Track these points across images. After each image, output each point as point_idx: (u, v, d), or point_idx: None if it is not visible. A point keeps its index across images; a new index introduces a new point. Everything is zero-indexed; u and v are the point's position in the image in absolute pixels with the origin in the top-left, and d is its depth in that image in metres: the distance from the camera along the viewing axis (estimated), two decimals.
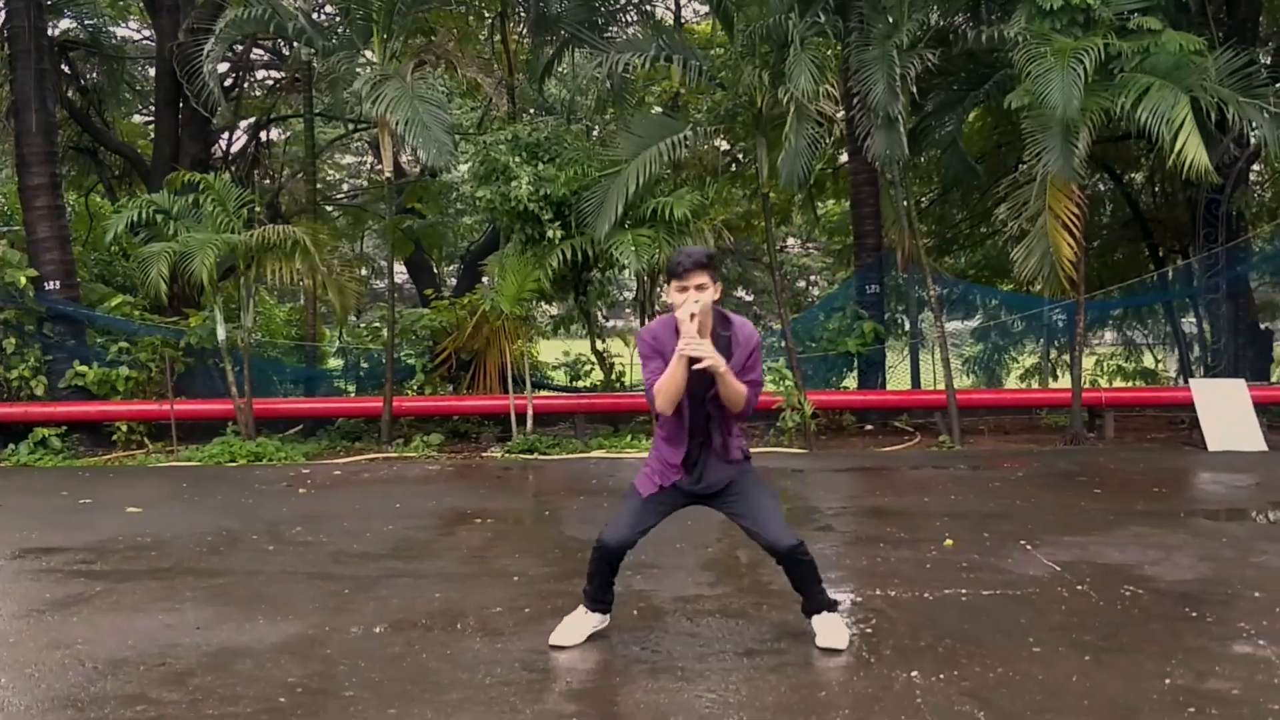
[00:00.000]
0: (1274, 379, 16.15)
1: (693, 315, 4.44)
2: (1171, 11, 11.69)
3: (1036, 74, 10.56)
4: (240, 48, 17.11)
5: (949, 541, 7.06)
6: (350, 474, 10.92)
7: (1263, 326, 16.89)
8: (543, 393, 14.31)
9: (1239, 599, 5.67)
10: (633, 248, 11.49)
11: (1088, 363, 18.13)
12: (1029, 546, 6.92)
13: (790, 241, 33.81)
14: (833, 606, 5.00)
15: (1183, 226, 17.08)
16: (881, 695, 4.29)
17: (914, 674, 4.52)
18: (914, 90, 11.92)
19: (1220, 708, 4.12)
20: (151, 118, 20.82)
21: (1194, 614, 5.38)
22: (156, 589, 6.17)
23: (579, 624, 5.06)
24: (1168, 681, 4.41)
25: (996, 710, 4.11)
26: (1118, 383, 17.69)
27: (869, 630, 5.17)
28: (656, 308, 13.21)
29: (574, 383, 15.81)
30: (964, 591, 5.86)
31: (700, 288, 4.52)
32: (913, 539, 7.25)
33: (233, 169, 17.59)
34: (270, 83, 20.79)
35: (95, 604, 5.86)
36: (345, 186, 26.48)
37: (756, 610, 5.54)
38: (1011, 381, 17.94)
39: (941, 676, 4.49)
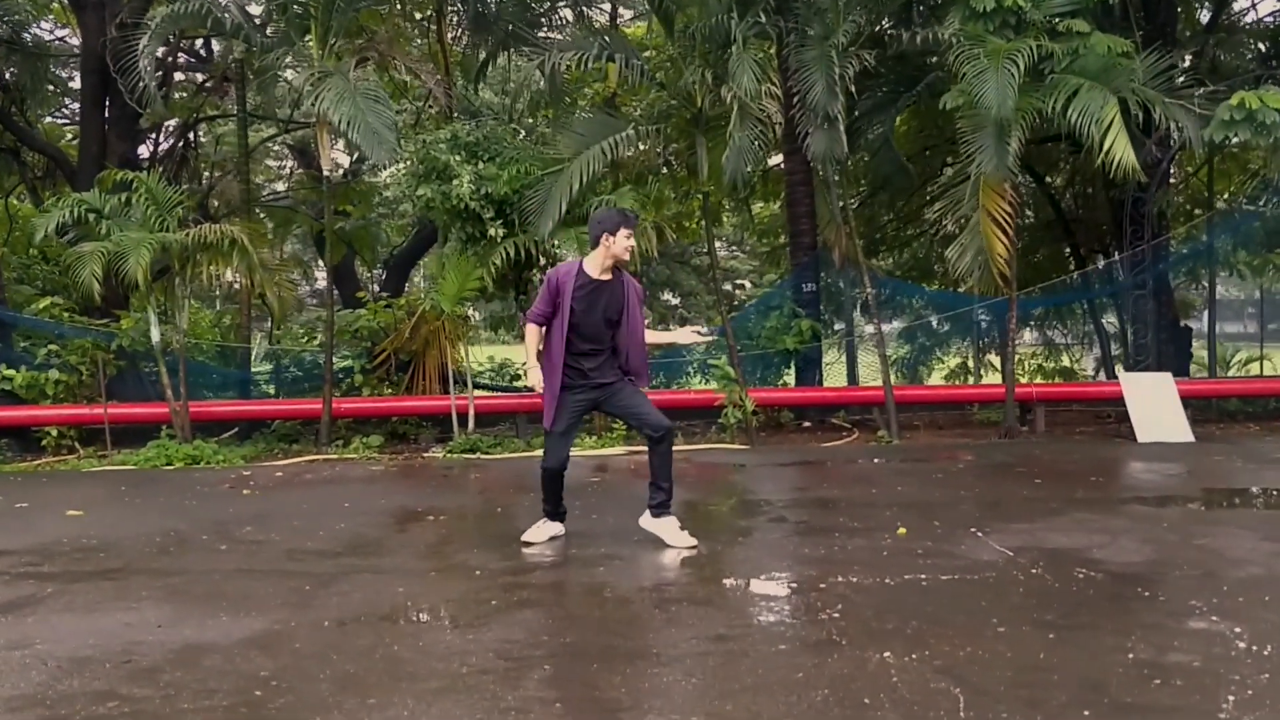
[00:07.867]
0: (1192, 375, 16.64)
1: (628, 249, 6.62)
2: (1097, 15, 12.02)
3: (972, 75, 10.77)
4: (166, 48, 16.81)
5: (901, 530, 7.19)
6: (292, 475, 10.78)
7: (1183, 324, 17.39)
8: (483, 393, 14.25)
9: (1186, 579, 5.85)
10: (576, 244, 11.54)
11: None
12: (979, 533, 7.07)
13: (717, 245, 34.04)
14: (671, 510, 6.87)
15: (1103, 227, 17.57)
16: (857, 675, 4.36)
17: (886, 654, 4.60)
18: (851, 91, 12.10)
19: (1184, 679, 4.26)
20: (70, 118, 20.40)
21: (1146, 593, 5.55)
22: (110, 589, 6.05)
23: (542, 529, 7.06)
24: (1130, 656, 4.54)
25: (971, 686, 4.20)
26: (1039, 380, 18.08)
27: (836, 615, 5.24)
28: None
29: (512, 383, 15.77)
30: (923, 576, 5.97)
31: (630, 235, 6.62)
32: (865, 528, 7.37)
33: (161, 169, 17.24)
34: (195, 84, 20.46)
35: (49, 605, 5.72)
36: (267, 191, 26.16)
37: (720, 598, 5.61)
38: (935, 382, 18.27)
39: (913, 656, 4.57)
